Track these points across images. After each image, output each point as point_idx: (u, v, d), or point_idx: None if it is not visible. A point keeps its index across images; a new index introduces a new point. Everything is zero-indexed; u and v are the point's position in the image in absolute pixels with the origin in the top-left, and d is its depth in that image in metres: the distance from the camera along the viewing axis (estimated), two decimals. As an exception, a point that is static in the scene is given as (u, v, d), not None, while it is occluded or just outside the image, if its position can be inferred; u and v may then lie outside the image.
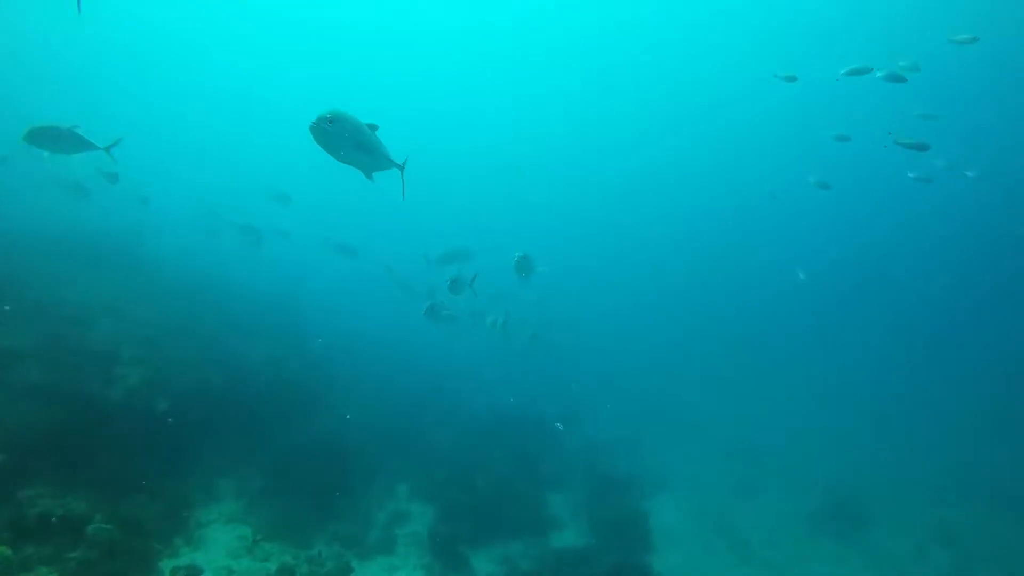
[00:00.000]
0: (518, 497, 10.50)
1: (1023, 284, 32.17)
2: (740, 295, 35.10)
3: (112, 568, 6.02)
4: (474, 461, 11.54)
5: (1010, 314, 32.40)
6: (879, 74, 10.20)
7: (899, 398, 22.16)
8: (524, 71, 39.40)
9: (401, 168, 5.75)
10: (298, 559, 7.82)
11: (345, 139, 4.77)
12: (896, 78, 10.20)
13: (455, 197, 38.45)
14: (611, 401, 17.39)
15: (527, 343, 13.22)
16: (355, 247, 16.57)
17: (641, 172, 42.14)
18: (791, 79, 11.15)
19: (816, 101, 28.24)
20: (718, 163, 39.67)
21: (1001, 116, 26.71)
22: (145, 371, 7.87)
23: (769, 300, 34.15)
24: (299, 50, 40.11)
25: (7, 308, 7.68)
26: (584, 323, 24.30)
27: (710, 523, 11.37)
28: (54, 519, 6.03)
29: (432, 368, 16.64)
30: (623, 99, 39.50)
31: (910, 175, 14.40)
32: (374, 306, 20.19)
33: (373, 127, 5.17)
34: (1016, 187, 28.06)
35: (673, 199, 42.33)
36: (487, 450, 12.12)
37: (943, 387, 24.70)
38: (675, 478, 13.51)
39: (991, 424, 19.38)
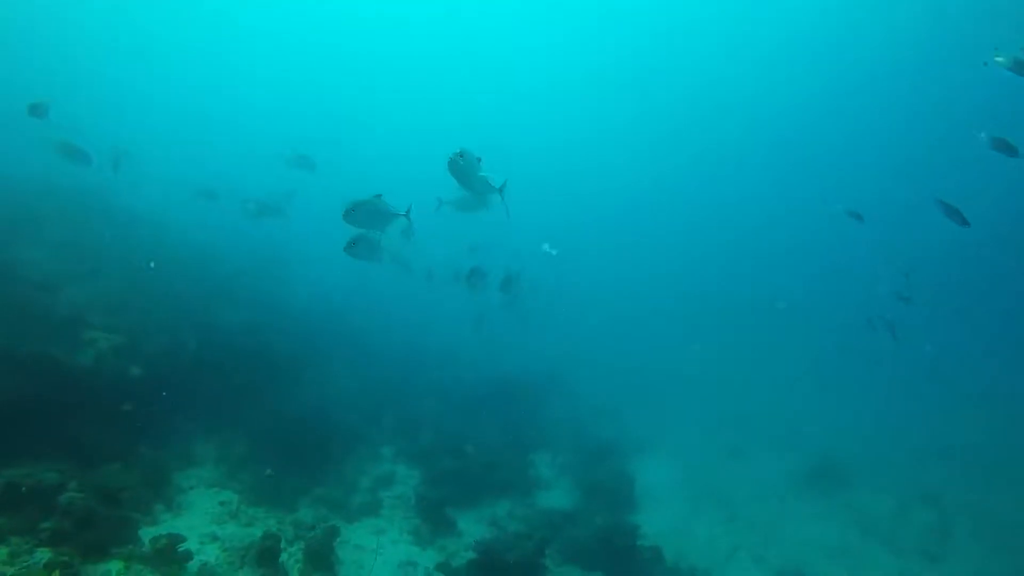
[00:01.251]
0: (504, 459, 10.47)
1: (1001, 251, 32.12)
2: (729, 264, 35.14)
3: (89, 538, 5.82)
4: (460, 423, 11.47)
5: (991, 285, 32.62)
6: None
7: (883, 366, 22.38)
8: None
9: None
10: (283, 523, 7.73)
11: None
12: None
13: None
14: (598, 365, 17.37)
15: (501, 293, 12.76)
16: None
17: (642, 153, 41.42)
18: None
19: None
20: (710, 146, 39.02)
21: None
22: (115, 335, 7.53)
23: (757, 268, 34.22)
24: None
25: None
26: (573, 287, 24.13)
27: (697, 485, 11.49)
28: (24, 489, 5.82)
29: (416, 330, 16.43)
30: (639, 85, 38.29)
31: None
32: (357, 272, 19.68)
33: None
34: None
35: (670, 176, 41.82)
36: (473, 412, 12.04)
37: (926, 354, 24.98)
38: (662, 442, 13.60)
39: (973, 389, 19.72)
